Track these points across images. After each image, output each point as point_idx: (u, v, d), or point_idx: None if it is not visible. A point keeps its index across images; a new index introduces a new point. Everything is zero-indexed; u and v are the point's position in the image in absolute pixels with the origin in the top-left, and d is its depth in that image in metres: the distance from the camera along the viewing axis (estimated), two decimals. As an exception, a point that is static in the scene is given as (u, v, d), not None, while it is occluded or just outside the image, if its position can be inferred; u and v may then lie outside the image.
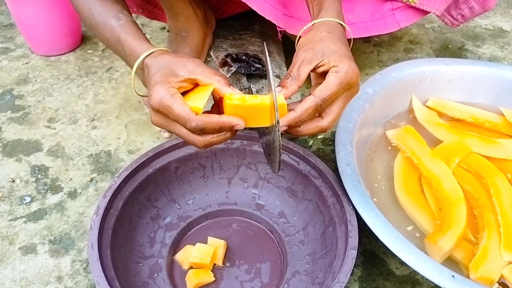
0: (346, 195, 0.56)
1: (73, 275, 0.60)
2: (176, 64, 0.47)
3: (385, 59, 1.01)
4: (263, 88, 0.75)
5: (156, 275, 0.57)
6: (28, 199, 0.70)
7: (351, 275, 0.50)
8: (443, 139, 0.72)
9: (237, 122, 0.45)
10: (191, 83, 0.47)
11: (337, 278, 0.48)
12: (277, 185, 0.66)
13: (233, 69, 0.76)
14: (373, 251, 0.62)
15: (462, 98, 0.79)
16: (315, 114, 0.47)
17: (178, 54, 0.50)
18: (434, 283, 0.47)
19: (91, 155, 0.77)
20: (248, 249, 0.62)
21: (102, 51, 1.02)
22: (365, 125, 0.69)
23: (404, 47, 1.05)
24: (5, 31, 1.11)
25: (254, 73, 0.76)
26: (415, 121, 0.76)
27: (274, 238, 0.63)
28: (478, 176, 0.66)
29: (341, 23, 0.54)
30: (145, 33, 0.59)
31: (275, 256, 0.61)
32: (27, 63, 0.99)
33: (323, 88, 0.47)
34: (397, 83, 0.75)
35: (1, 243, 0.63)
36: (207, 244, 0.60)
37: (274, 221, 0.64)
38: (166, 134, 0.77)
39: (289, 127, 0.47)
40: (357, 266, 0.61)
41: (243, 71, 0.76)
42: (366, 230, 0.53)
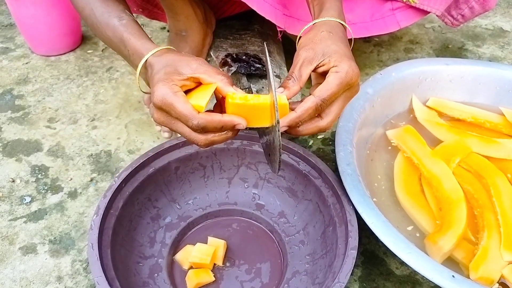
0: (346, 195, 0.56)
1: (73, 275, 0.60)
2: (179, 62, 0.47)
3: (385, 59, 1.01)
4: (263, 88, 0.75)
5: (156, 275, 0.57)
6: (28, 199, 0.70)
7: (351, 275, 0.50)
8: (443, 139, 0.72)
9: (239, 121, 0.45)
10: (194, 82, 0.47)
11: (337, 278, 0.48)
12: (277, 185, 0.66)
13: (233, 69, 0.76)
14: (373, 251, 0.62)
15: (462, 98, 0.79)
16: (315, 114, 0.47)
17: (182, 53, 0.50)
18: (434, 283, 0.47)
19: (91, 155, 0.77)
20: (248, 249, 0.62)
21: (102, 51, 1.02)
22: (365, 125, 0.69)
23: (404, 47, 1.05)
24: (5, 31, 1.11)
25: (254, 73, 0.76)
26: (415, 121, 0.76)
27: (274, 238, 0.63)
28: (478, 176, 0.66)
29: (342, 23, 0.54)
30: (145, 33, 0.59)
31: (275, 256, 0.61)
32: (27, 63, 0.99)
33: (323, 88, 0.46)
34: (397, 83, 0.75)
35: (1, 243, 0.64)
36: (207, 244, 0.60)
37: (274, 221, 0.64)
38: (166, 134, 0.77)
39: (289, 127, 0.47)
40: (357, 266, 0.61)
41: (243, 71, 0.76)
42: (366, 230, 0.53)
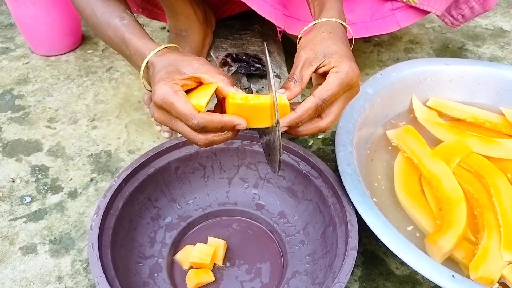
0: (346, 195, 0.56)
1: (74, 275, 0.60)
2: (181, 62, 0.47)
3: (385, 59, 1.01)
4: (263, 88, 0.75)
5: (156, 275, 0.57)
6: (28, 199, 0.70)
7: (351, 275, 0.50)
8: (443, 139, 0.72)
9: (239, 121, 0.45)
10: (195, 81, 0.47)
11: (337, 278, 0.48)
12: (277, 185, 0.66)
13: (233, 69, 0.76)
14: (373, 251, 0.62)
15: (462, 98, 0.79)
16: (315, 114, 0.47)
17: (184, 52, 0.50)
18: (434, 283, 0.47)
19: (91, 155, 0.77)
20: (248, 249, 0.62)
21: (102, 51, 1.02)
22: (365, 125, 0.69)
23: (404, 47, 1.05)
24: (5, 31, 1.11)
25: (254, 73, 0.76)
26: (415, 121, 0.76)
27: (274, 238, 0.63)
28: (478, 176, 0.66)
29: (343, 23, 0.54)
30: (145, 33, 0.59)
31: (275, 256, 0.61)
32: (27, 63, 0.99)
33: (323, 88, 0.46)
34: (397, 83, 0.75)
35: (1, 243, 0.64)
36: (207, 244, 0.60)
37: (274, 221, 0.64)
38: (166, 133, 0.77)
39: (289, 127, 0.47)
40: (357, 266, 0.61)
41: (243, 71, 0.76)
42: (366, 230, 0.53)
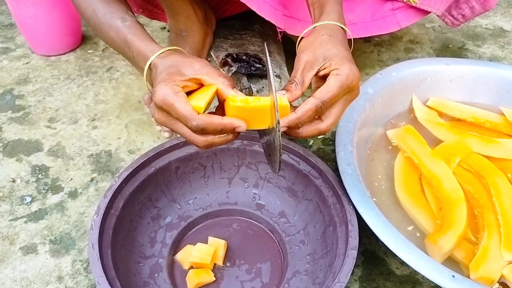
0: (346, 195, 0.56)
1: (74, 275, 0.60)
2: (183, 63, 0.47)
3: (386, 58, 1.01)
4: (263, 88, 0.75)
5: (156, 275, 0.57)
6: (28, 199, 0.70)
7: (352, 275, 0.50)
8: (444, 139, 0.72)
9: (239, 124, 0.45)
10: (196, 83, 0.47)
11: (338, 278, 0.48)
12: (278, 185, 0.66)
13: (234, 69, 0.76)
14: (374, 251, 0.63)
15: (462, 97, 0.79)
16: (315, 116, 0.47)
17: (186, 54, 0.50)
18: (434, 283, 0.47)
19: (92, 155, 0.77)
20: (248, 249, 0.62)
21: (102, 51, 1.02)
22: (365, 125, 0.69)
23: (404, 47, 1.05)
24: (5, 31, 1.11)
25: (254, 73, 0.76)
26: (416, 121, 0.76)
27: (274, 238, 0.63)
28: (478, 176, 0.66)
29: (343, 26, 0.54)
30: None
31: (276, 256, 0.61)
32: (27, 63, 0.99)
33: (323, 90, 0.47)
34: (398, 83, 0.75)
35: (2, 243, 0.64)
36: (207, 244, 0.60)
37: (274, 221, 0.64)
38: (166, 134, 0.77)
39: (288, 128, 0.47)
40: (357, 266, 0.61)
41: (244, 71, 0.76)
42: (366, 230, 0.53)
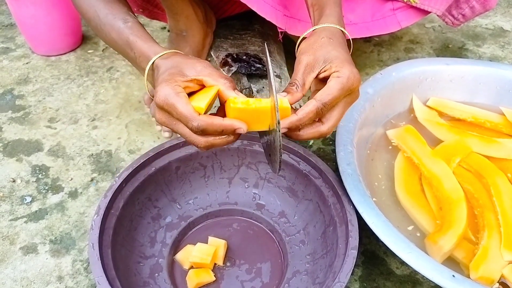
0: (346, 195, 0.56)
1: (74, 275, 0.60)
2: (185, 64, 0.48)
3: (386, 58, 1.01)
4: (263, 88, 0.75)
5: (157, 275, 0.57)
6: (28, 199, 0.70)
7: (352, 274, 0.50)
8: (444, 139, 0.72)
9: (240, 125, 0.45)
10: (197, 84, 0.47)
11: (338, 277, 0.48)
12: (278, 185, 0.66)
13: (234, 69, 0.76)
14: (374, 251, 0.63)
15: (462, 97, 0.79)
16: (316, 118, 0.47)
17: (188, 55, 0.51)
18: (434, 283, 0.47)
19: (92, 155, 0.77)
20: (248, 249, 0.62)
21: (102, 51, 1.02)
22: (365, 125, 0.69)
23: (404, 47, 1.05)
24: (5, 31, 1.11)
25: (254, 73, 0.76)
26: (416, 121, 0.76)
27: (274, 238, 0.63)
28: (478, 175, 0.66)
29: (342, 29, 0.54)
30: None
31: (276, 255, 0.61)
32: (27, 63, 0.99)
33: (324, 92, 0.47)
34: (398, 83, 0.75)
35: (2, 243, 0.64)
36: (207, 243, 0.60)
37: (274, 221, 0.64)
38: (166, 133, 0.77)
39: (289, 129, 0.47)
40: (357, 265, 0.61)
41: (244, 71, 0.76)
42: (366, 230, 0.53)
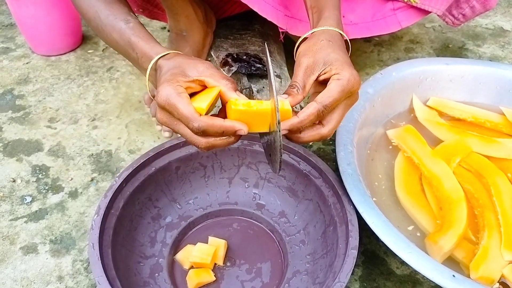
0: (346, 195, 0.56)
1: (74, 274, 0.60)
2: (187, 64, 0.48)
3: (386, 58, 1.01)
4: (263, 88, 0.75)
5: (157, 274, 0.58)
6: (29, 199, 0.70)
7: (352, 274, 0.50)
8: (444, 139, 0.72)
9: (240, 127, 0.45)
10: (199, 85, 0.47)
11: (338, 277, 0.48)
12: (278, 185, 0.66)
13: (234, 69, 0.76)
14: (374, 251, 0.63)
15: (462, 97, 0.79)
16: (317, 120, 0.47)
17: (191, 56, 0.51)
18: (434, 283, 0.47)
19: (92, 155, 0.77)
20: (248, 249, 0.62)
21: (102, 51, 1.02)
22: (365, 125, 0.69)
23: (404, 47, 1.05)
24: (5, 31, 1.11)
25: (254, 73, 0.76)
26: (416, 121, 0.76)
27: (274, 237, 0.63)
28: (478, 175, 0.66)
29: (341, 32, 0.54)
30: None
31: (276, 255, 0.61)
32: (27, 63, 0.99)
33: (325, 95, 0.47)
34: (398, 83, 0.75)
35: (2, 243, 0.64)
36: (207, 243, 0.60)
37: (274, 221, 0.64)
38: (166, 133, 0.77)
39: (290, 131, 0.47)
40: (357, 265, 0.61)
41: (244, 71, 0.76)
42: (366, 229, 0.53)
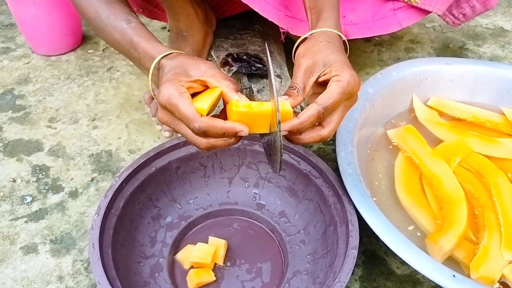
0: (347, 195, 0.56)
1: (74, 274, 0.60)
2: (189, 64, 0.48)
3: (386, 58, 1.01)
4: (264, 87, 0.75)
5: (157, 274, 0.58)
6: (29, 198, 0.70)
7: (352, 274, 0.50)
8: (444, 139, 0.72)
9: (241, 128, 0.45)
10: (201, 85, 0.47)
11: (338, 277, 0.48)
12: (278, 185, 0.66)
13: (234, 68, 0.76)
14: (374, 251, 0.63)
15: (463, 97, 0.79)
16: (317, 121, 0.47)
17: (193, 56, 0.51)
18: (435, 283, 0.47)
19: (92, 154, 0.77)
20: (249, 249, 0.62)
21: (102, 50, 1.02)
22: (366, 125, 0.69)
23: (404, 47, 1.05)
24: (5, 31, 1.11)
25: (255, 72, 0.76)
26: (416, 121, 0.76)
27: (275, 237, 0.63)
28: (479, 175, 0.66)
29: (340, 34, 0.54)
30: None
31: (276, 255, 0.61)
32: (27, 63, 0.99)
33: (325, 96, 0.47)
34: (398, 83, 0.75)
35: (2, 242, 0.64)
36: (208, 243, 0.60)
37: (275, 221, 0.64)
38: (167, 133, 0.77)
39: (290, 133, 0.47)
40: (358, 265, 0.61)
41: (244, 71, 0.76)
42: (367, 229, 0.53)
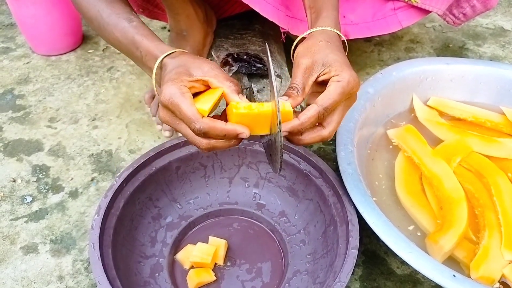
0: (347, 195, 0.56)
1: (74, 274, 0.60)
2: (192, 64, 0.48)
3: (386, 58, 1.01)
4: (264, 87, 0.75)
5: (157, 274, 0.58)
6: (29, 198, 0.70)
7: (352, 274, 0.50)
8: (444, 139, 0.72)
9: (242, 130, 0.45)
10: (203, 85, 0.47)
11: (338, 277, 0.48)
12: (278, 185, 0.66)
13: (234, 68, 0.76)
14: (374, 251, 0.63)
15: (463, 97, 0.79)
16: (317, 122, 0.47)
17: (196, 55, 0.51)
18: (435, 283, 0.47)
19: (92, 154, 0.77)
20: (249, 249, 0.62)
21: (103, 50, 1.02)
22: (366, 125, 0.69)
23: (405, 46, 1.05)
24: (5, 31, 1.11)
25: (255, 72, 0.76)
26: (416, 121, 0.76)
27: (275, 237, 0.63)
28: (479, 175, 0.66)
29: (339, 33, 0.54)
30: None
31: (276, 255, 0.61)
32: (28, 63, 0.99)
33: (325, 97, 0.47)
34: (398, 83, 0.75)
35: (3, 242, 0.64)
36: (208, 243, 0.60)
37: (275, 221, 0.64)
38: (167, 133, 0.77)
39: (291, 133, 0.47)
40: (358, 265, 0.61)
41: (244, 71, 0.76)
42: (367, 229, 0.53)
